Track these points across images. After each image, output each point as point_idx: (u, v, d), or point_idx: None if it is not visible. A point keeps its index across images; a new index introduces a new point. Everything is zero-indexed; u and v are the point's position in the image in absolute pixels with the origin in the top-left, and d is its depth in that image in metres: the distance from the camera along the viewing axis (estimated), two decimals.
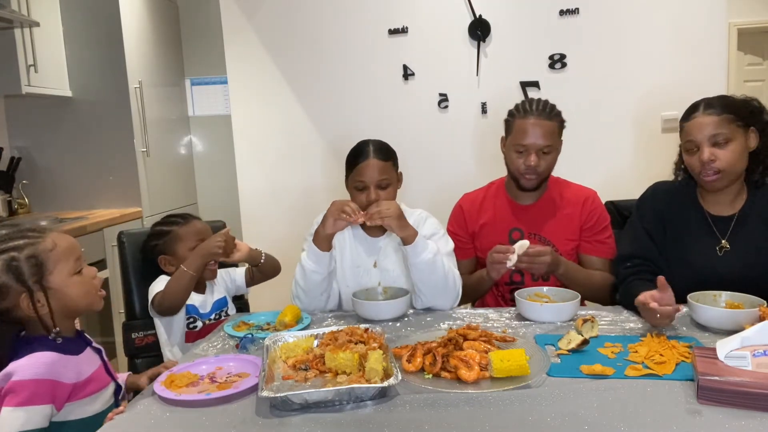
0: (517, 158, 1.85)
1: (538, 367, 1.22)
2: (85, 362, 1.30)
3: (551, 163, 1.87)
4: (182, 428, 1.10)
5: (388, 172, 1.81)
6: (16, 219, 3.21)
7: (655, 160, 2.82)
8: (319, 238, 1.72)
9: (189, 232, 1.83)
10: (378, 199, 1.76)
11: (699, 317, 1.46)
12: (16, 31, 3.00)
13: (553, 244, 1.89)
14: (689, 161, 1.66)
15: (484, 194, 2.03)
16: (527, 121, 1.82)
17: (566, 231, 1.91)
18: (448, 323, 1.59)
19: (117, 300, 2.99)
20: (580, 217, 1.91)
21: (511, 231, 1.94)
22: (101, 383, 1.32)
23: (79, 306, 1.30)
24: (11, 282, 1.20)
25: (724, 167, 1.59)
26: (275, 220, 3.13)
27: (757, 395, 1.03)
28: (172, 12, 3.98)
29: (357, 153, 1.82)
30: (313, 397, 1.12)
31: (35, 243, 1.24)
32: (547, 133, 1.81)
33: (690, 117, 1.64)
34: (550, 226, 1.91)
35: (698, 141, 1.61)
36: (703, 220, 1.68)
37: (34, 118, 3.40)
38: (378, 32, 2.98)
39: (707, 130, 1.59)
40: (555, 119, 1.84)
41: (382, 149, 1.83)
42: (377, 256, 1.87)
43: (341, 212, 1.66)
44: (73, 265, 1.27)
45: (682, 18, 2.77)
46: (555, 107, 1.88)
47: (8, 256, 1.21)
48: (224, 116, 3.78)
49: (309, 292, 1.77)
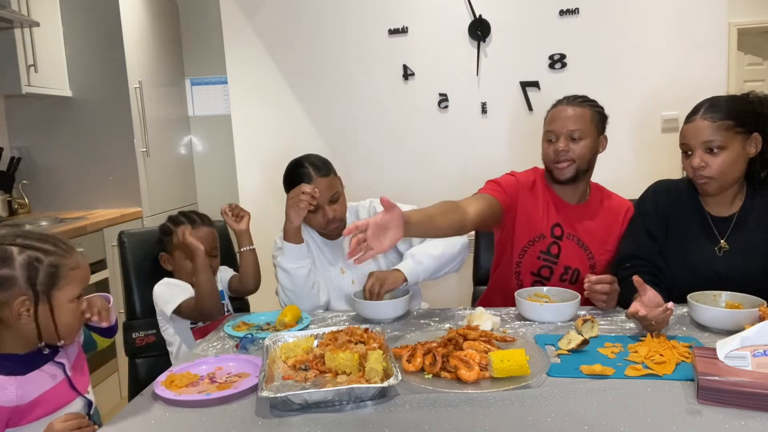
0: (547, 147, 1.81)
1: (538, 367, 1.22)
2: (32, 382, 1.20)
3: (585, 151, 1.77)
4: (182, 428, 1.10)
5: (334, 185, 1.84)
6: (16, 219, 3.21)
7: (655, 160, 2.83)
8: (289, 234, 1.80)
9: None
10: (335, 216, 1.82)
11: (699, 317, 1.46)
12: (16, 31, 2.99)
13: (590, 250, 1.84)
14: (684, 163, 1.66)
15: (534, 178, 1.89)
16: (558, 108, 1.81)
17: (605, 241, 1.84)
18: (448, 324, 1.59)
19: (117, 300, 2.98)
20: (620, 228, 1.84)
21: (553, 227, 1.84)
22: (59, 402, 1.23)
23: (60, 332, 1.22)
24: (21, 280, 1.16)
25: (713, 175, 1.58)
26: (275, 220, 3.11)
27: (757, 395, 1.03)
28: (172, 12, 3.98)
29: (298, 176, 1.81)
30: (313, 397, 1.12)
31: (62, 255, 1.21)
32: (576, 117, 1.76)
33: (689, 119, 1.63)
34: (590, 232, 1.85)
35: (692, 145, 1.61)
36: (703, 220, 1.68)
37: (34, 118, 3.39)
38: (378, 32, 2.98)
39: (702, 135, 1.58)
40: (587, 106, 1.80)
41: (322, 165, 1.84)
42: (342, 262, 1.93)
43: (298, 201, 1.74)
44: (78, 292, 1.24)
45: (682, 18, 2.77)
46: (589, 98, 1.83)
47: (34, 255, 1.18)
48: (224, 116, 3.78)
49: (298, 291, 1.80)
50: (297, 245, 1.80)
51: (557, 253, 1.84)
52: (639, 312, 1.38)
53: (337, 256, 1.94)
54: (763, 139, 1.60)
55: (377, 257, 1.92)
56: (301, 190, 1.74)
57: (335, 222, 1.85)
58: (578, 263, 1.84)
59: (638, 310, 1.38)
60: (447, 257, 1.82)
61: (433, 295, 2.26)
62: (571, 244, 1.84)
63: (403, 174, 3.04)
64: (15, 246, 1.18)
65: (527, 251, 1.85)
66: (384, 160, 3.04)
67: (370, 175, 2.95)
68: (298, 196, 1.74)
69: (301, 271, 1.80)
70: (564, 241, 1.84)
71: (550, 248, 1.84)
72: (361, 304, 1.67)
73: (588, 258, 1.84)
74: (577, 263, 1.84)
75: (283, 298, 1.83)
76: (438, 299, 2.20)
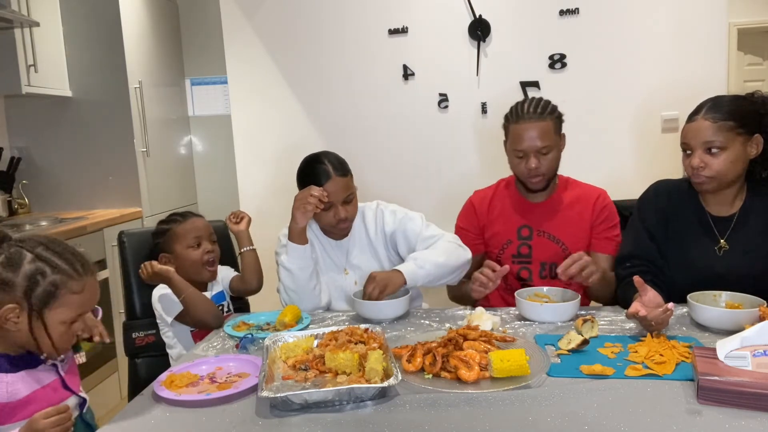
0: (518, 163, 1.85)
1: (538, 367, 1.22)
2: (23, 380, 1.19)
3: (553, 162, 1.86)
4: (182, 428, 1.10)
5: (350, 186, 1.84)
6: (16, 219, 3.21)
7: (655, 160, 2.82)
8: (294, 235, 1.79)
9: (186, 230, 1.82)
10: (346, 216, 1.82)
11: (699, 317, 1.46)
12: (16, 31, 3.00)
13: (563, 242, 1.89)
14: (684, 162, 1.65)
15: (494, 191, 2.03)
16: (521, 126, 1.82)
17: (576, 230, 1.90)
18: (448, 324, 1.59)
19: (117, 300, 2.99)
20: (591, 215, 1.90)
21: (519, 228, 1.93)
22: (52, 401, 1.20)
23: (41, 347, 1.20)
24: (20, 288, 1.14)
25: (712, 175, 1.58)
26: (275, 220, 3.11)
27: (757, 395, 1.03)
28: (172, 12, 3.98)
29: (316, 173, 1.80)
30: (313, 397, 1.12)
31: (69, 276, 1.17)
32: (543, 134, 1.80)
33: (691, 118, 1.63)
34: (560, 225, 1.91)
35: (692, 145, 1.60)
36: (703, 219, 1.68)
37: (34, 118, 3.39)
38: (378, 32, 2.98)
39: (702, 135, 1.58)
40: (549, 118, 1.83)
41: (341, 164, 1.84)
42: (345, 262, 1.92)
43: (306, 204, 1.73)
44: (73, 316, 1.20)
45: (682, 18, 2.76)
46: (549, 104, 1.86)
47: (42, 267, 1.15)
48: (224, 116, 3.77)
49: (300, 291, 1.80)
50: (301, 246, 1.79)
51: (528, 253, 1.91)
52: (639, 312, 1.38)
53: (341, 256, 1.93)
54: (765, 140, 1.60)
55: (380, 259, 1.93)
56: (310, 193, 1.74)
57: (346, 222, 1.84)
58: (553, 258, 1.89)
59: (638, 310, 1.38)
60: (449, 268, 1.81)
61: (434, 295, 2.26)
62: (543, 241, 1.90)
63: (403, 174, 3.03)
64: (31, 253, 1.16)
65: (501, 258, 1.93)
66: (384, 160, 3.04)
67: (370, 175, 2.94)
68: (306, 198, 1.73)
69: (304, 273, 1.79)
70: (535, 240, 1.91)
71: (520, 250, 1.92)
72: (361, 304, 1.67)
73: (563, 250, 1.88)
74: (551, 258, 1.89)
75: (284, 297, 1.83)
76: (438, 299, 2.20)
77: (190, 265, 1.81)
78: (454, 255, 1.82)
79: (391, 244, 1.92)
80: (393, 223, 1.91)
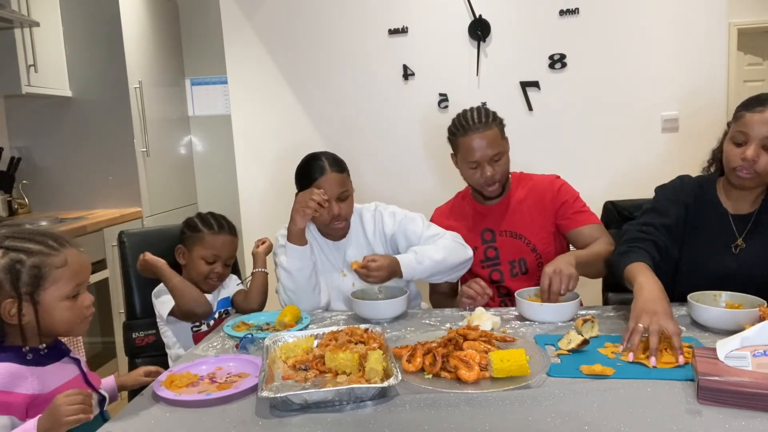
0: (473, 174, 1.88)
1: (538, 367, 1.22)
2: (52, 374, 1.22)
3: (505, 167, 1.90)
4: (182, 428, 1.10)
5: (345, 183, 1.85)
6: (16, 219, 3.21)
7: (655, 160, 2.82)
8: (293, 236, 1.80)
9: (211, 244, 1.81)
10: (340, 212, 1.82)
11: (699, 317, 1.46)
12: (16, 31, 3.00)
13: (525, 236, 1.92)
14: (730, 151, 1.58)
15: (452, 204, 2.07)
16: (470, 137, 1.84)
17: (538, 222, 1.93)
18: (448, 323, 1.59)
19: (117, 300, 2.99)
20: (551, 202, 1.92)
21: (482, 232, 1.96)
22: None
23: (57, 329, 1.23)
24: (6, 283, 1.16)
25: (762, 171, 1.54)
26: (275, 220, 3.11)
27: (757, 395, 1.03)
28: (172, 12, 3.98)
29: (312, 169, 1.82)
30: (313, 397, 1.12)
31: (47, 254, 1.19)
32: (492, 142, 1.83)
33: (755, 109, 1.54)
34: (519, 220, 1.94)
35: (751, 136, 1.53)
36: (721, 217, 1.66)
37: (34, 118, 3.40)
38: (378, 32, 2.98)
39: (765, 130, 1.51)
40: (494, 124, 1.86)
41: (337, 161, 1.86)
42: (343, 264, 1.92)
43: (305, 207, 1.75)
44: (70, 289, 1.22)
45: (682, 18, 2.76)
46: (489, 111, 1.88)
47: (16, 257, 1.17)
48: (224, 116, 3.77)
49: (299, 291, 1.80)
50: (300, 247, 1.80)
51: (495, 255, 1.95)
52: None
53: (338, 258, 1.93)
54: None
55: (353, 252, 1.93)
56: (310, 196, 1.74)
57: (340, 220, 1.85)
58: (520, 254, 1.93)
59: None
60: (447, 265, 1.82)
61: None
62: (506, 240, 1.93)
63: (403, 174, 3.04)
64: (1, 248, 1.17)
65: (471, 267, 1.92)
66: (384, 160, 3.04)
67: (369, 175, 2.94)
68: (306, 201, 1.75)
69: (303, 273, 1.80)
70: (498, 241, 1.94)
71: (486, 254, 1.95)
72: (359, 304, 1.67)
73: (526, 244, 1.92)
74: (518, 255, 1.93)
75: (283, 298, 1.83)
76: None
77: (195, 273, 1.82)
78: (455, 253, 1.83)
79: (392, 246, 1.92)
80: (393, 225, 1.91)
